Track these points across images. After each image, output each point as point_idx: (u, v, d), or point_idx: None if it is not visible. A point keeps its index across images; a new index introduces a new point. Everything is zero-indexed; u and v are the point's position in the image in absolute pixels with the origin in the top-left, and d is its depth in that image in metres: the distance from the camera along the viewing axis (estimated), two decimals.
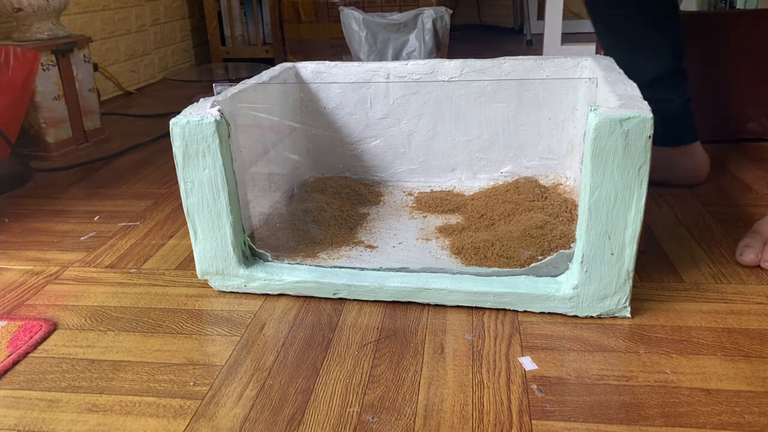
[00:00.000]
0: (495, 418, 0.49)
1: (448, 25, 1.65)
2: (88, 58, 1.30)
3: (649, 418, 0.49)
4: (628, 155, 0.55)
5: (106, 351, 0.60)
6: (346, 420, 0.50)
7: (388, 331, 0.61)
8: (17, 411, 0.52)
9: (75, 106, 1.26)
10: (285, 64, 0.89)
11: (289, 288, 0.68)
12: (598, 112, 0.55)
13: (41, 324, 0.64)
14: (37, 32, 1.22)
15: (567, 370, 0.54)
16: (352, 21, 1.64)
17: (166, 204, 0.97)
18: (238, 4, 2.20)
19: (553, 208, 0.77)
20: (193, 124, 0.62)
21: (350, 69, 0.89)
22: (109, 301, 0.69)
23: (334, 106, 0.91)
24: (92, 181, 1.10)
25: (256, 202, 0.78)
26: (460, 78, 0.86)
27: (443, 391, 0.52)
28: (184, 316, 0.66)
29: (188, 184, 0.65)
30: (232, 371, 0.56)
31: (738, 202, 0.88)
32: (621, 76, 0.69)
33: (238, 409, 0.52)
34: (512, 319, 0.62)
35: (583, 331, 0.60)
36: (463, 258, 0.69)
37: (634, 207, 0.57)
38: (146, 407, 0.52)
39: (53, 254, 0.81)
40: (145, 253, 0.81)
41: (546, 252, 0.66)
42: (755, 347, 0.57)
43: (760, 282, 0.67)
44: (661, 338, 0.58)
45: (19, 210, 0.97)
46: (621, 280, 0.60)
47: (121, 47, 1.85)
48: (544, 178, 0.87)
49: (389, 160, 0.93)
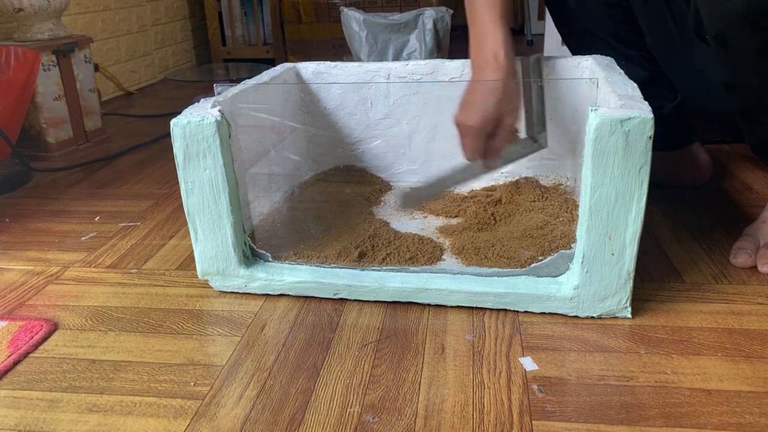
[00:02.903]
0: (495, 419, 0.49)
1: (448, 26, 1.65)
2: (88, 58, 1.30)
3: (650, 419, 0.49)
4: (629, 155, 0.55)
5: (106, 351, 0.60)
6: (347, 420, 0.50)
7: (388, 331, 0.61)
8: (18, 411, 0.52)
9: (76, 107, 1.27)
10: (285, 65, 0.89)
11: (290, 288, 0.68)
12: (599, 112, 0.55)
13: (42, 324, 0.64)
14: (38, 32, 1.22)
15: (567, 371, 0.54)
16: (352, 21, 1.64)
17: (167, 204, 0.97)
18: (238, 4, 2.20)
19: (553, 209, 0.77)
20: (194, 125, 0.62)
21: (351, 69, 0.89)
22: (109, 301, 0.69)
23: (334, 106, 0.91)
24: (93, 181, 1.10)
25: (256, 202, 0.78)
26: (461, 78, 0.86)
27: (444, 392, 0.52)
28: (185, 317, 0.66)
29: (189, 185, 0.65)
30: (232, 371, 0.56)
31: (738, 202, 0.88)
32: (621, 76, 0.69)
33: (239, 409, 0.52)
34: (513, 320, 0.62)
35: (584, 331, 0.60)
36: (463, 258, 0.69)
37: (634, 207, 0.57)
38: (147, 407, 0.52)
39: (54, 254, 0.81)
40: (146, 254, 0.81)
41: (546, 252, 0.66)
42: (756, 347, 0.57)
43: (761, 282, 0.67)
44: (661, 338, 0.58)
45: (19, 210, 0.97)
46: (621, 280, 0.60)
47: (121, 47, 1.85)
48: (544, 179, 0.87)
49: (390, 160, 0.93)
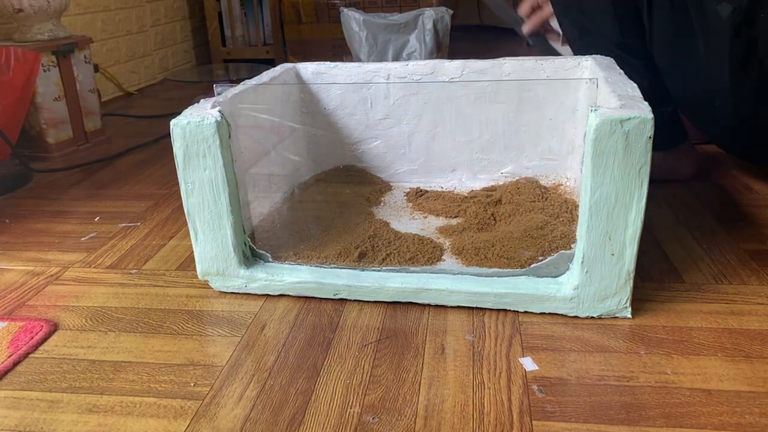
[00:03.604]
0: (495, 419, 0.49)
1: (448, 26, 1.65)
2: (88, 58, 1.30)
3: (650, 419, 0.49)
4: (629, 156, 0.55)
5: (106, 351, 0.60)
6: (347, 420, 0.50)
7: (388, 331, 0.61)
8: (18, 412, 0.52)
9: (76, 107, 1.27)
10: (285, 65, 0.89)
11: (290, 288, 0.68)
12: (599, 112, 0.55)
13: (42, 324, 0.64)
14: (38, 33, 1.22)
15: (567, 371, 0.54)
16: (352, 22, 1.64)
17: (167, 205, 0.97)
18: (238, 4, 2.20)
19: (553, 209, 0.77)
20: (194, 125, 0.62)
21: (350, 70, 0.89)
22: (109, 301, 0.69)
23: (334, 106, 0.91)
24: (93, 181, 1.10)
25: (256, 202, 0.78)
26: (461, 78, 0.86)
27: (444, 392, 0.52)
28: (185, 317, 0.66)
29: (189, 185, 0.65)
30: (232, 372, 0.56)
31: (738, 202, 0.88)
32: (621, 76, 0.69)
33: (239, 409, 0.52)
34: (513, 320, 0.62)
35: (584, 331, 0.60)
36: (463, 258, 0.69)
37: (634, 207, 0.57)
38: (147, 408, 0.52)
39: (54, 255, 0.81)
40: (146, 254, 0.81)
41: (546, 252, 0.66)
42: (756, 348, 0.57)
43: (761, 282, 0.67)
44: (661, 339, 0.58)
45: (19, 211, 0.97)
46: (621, 280, 0.60)
47: (121, 48, 1.85)
48: (544, 179, 0.87)
49: (390, 160, 0.93)
